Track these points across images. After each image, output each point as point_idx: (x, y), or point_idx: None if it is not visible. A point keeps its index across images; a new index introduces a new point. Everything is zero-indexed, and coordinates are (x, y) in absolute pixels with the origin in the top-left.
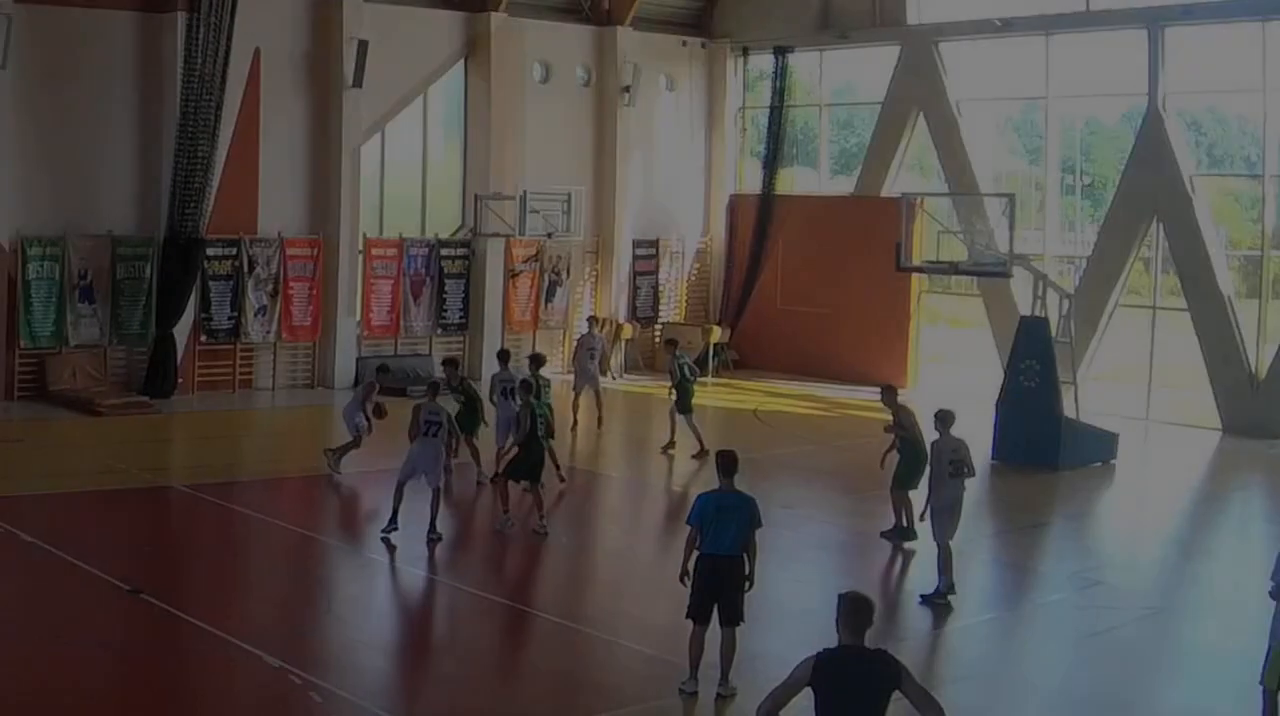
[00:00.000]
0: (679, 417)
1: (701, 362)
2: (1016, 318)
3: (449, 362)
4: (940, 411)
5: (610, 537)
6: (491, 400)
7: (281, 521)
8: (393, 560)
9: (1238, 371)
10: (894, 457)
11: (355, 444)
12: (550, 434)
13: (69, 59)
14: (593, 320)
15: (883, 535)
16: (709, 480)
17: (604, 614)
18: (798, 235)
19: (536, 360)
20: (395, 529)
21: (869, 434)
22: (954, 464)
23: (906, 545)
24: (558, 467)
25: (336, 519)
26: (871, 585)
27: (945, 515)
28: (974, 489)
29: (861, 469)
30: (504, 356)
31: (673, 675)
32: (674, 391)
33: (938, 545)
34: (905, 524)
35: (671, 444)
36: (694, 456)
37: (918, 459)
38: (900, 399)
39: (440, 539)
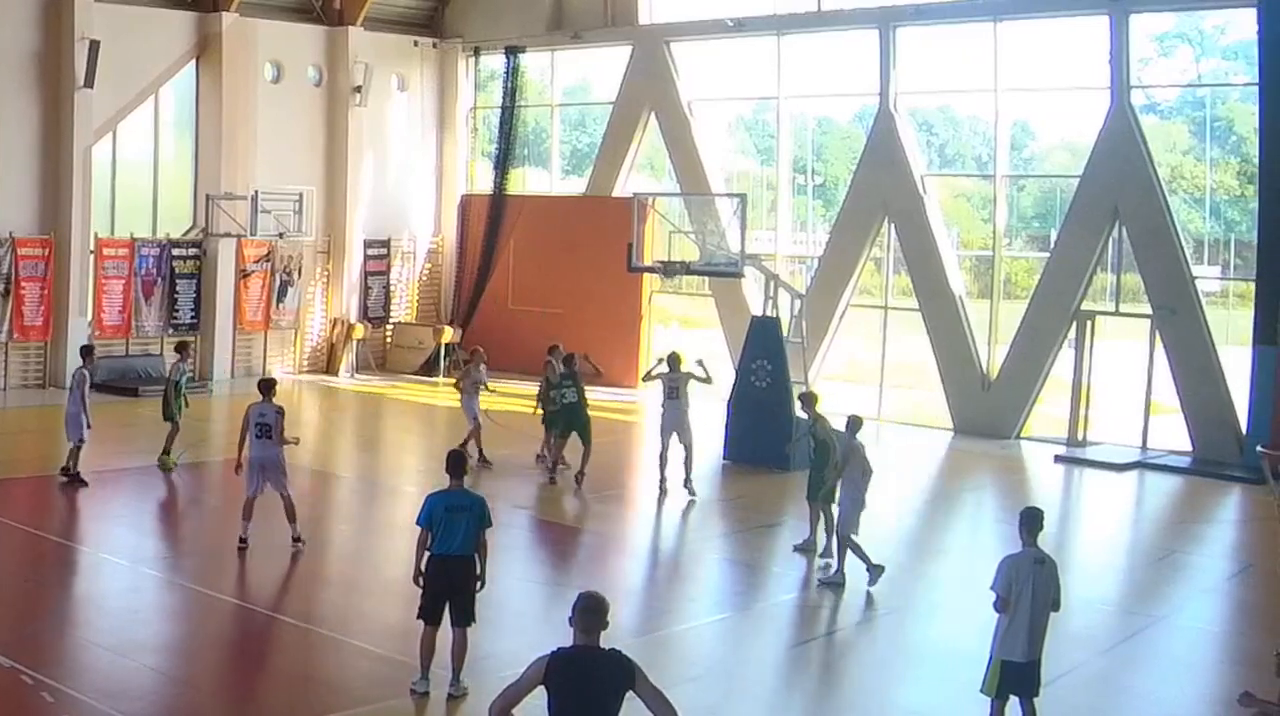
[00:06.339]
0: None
1: (432, 363)
2: (748, 318)
3: (181, 347)
4: None
5: (342, 537)
6: None
7: (11, 521)
8: (125, 560)
9: (969, 371)
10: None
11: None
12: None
13: None
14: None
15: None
16: (439, 480)
17: (336, 613)
18: (529, 235)
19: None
20: None
21: (600, 434)
22: None
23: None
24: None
25: (66, 518)
26: (603, 585)
27: None
28: (706, 489)
29: (594, 468)
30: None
31: (404, 675)
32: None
33: None
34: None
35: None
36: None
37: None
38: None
39: None
